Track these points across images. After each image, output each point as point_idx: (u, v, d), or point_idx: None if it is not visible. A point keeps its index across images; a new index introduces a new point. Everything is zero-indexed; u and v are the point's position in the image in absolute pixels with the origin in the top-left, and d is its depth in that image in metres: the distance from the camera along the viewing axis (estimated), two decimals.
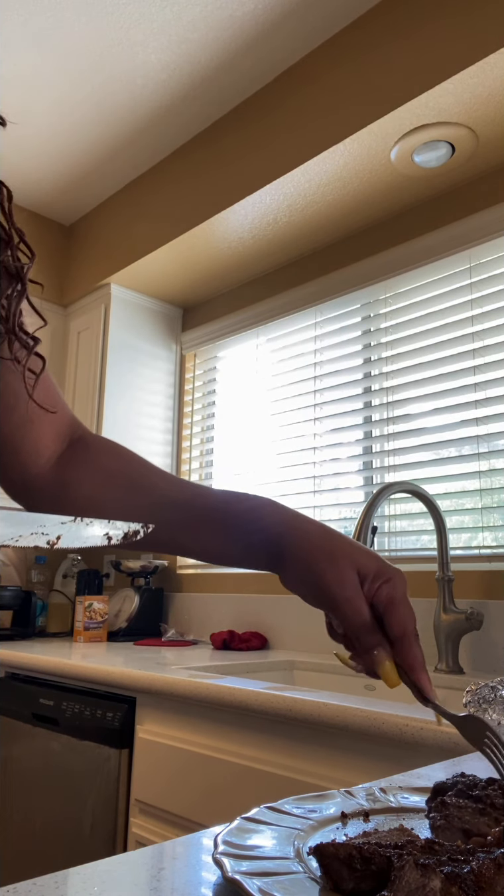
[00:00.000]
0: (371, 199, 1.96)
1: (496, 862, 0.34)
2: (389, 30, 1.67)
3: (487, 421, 1.73)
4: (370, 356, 2.06)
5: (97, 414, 2.42)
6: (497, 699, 0.60)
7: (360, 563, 0.57)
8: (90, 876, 0.39)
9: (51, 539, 0.35)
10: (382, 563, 0.58)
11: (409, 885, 0.33)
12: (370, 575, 0.56)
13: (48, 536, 0.35)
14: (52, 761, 1.55)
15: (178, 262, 2.35)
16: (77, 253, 2.69)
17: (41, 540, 0.35)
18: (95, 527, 0.38)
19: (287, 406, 2.27)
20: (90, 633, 2.18)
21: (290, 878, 0.38)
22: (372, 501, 1.52)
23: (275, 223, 2.10)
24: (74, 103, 2.11)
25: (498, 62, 1.46)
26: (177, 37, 1.86)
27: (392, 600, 0.56)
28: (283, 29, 1.81)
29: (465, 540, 1.76)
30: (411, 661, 0.55)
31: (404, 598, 0.56)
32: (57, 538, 0.36)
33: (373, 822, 0.48)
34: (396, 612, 0.55)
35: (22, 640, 2.22)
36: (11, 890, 0.36)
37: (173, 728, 1.32)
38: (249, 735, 1.17)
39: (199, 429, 2.61)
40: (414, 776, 0.64)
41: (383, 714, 0.98)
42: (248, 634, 2.04)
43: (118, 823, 1.38)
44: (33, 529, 0.35)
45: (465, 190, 1.86)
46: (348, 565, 0.56)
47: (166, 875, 0.40)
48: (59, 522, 0.36)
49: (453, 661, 1.54)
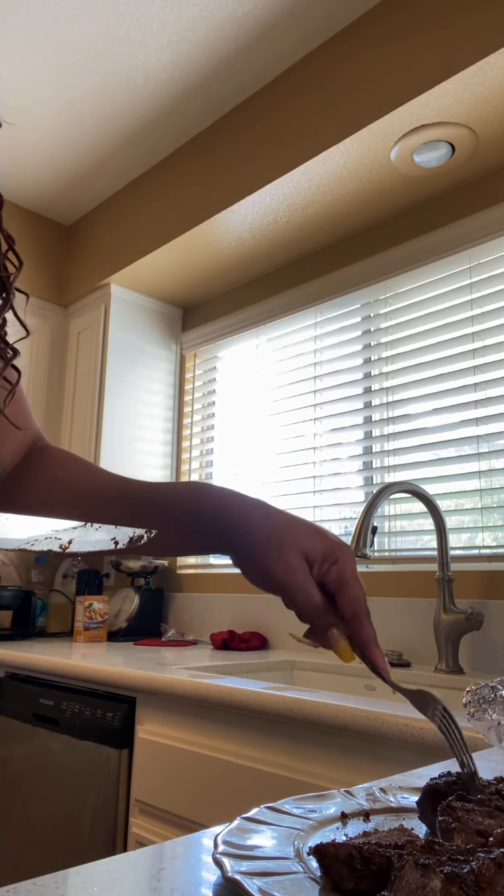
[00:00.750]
0: (371, 199, 1.96)
1: (496, 862, 0.34)
2: (389, 30, 1.67)
3: (487, 421, 1.73)
4: (370, 356, 2.06)
5: (97, 414, 2.42)
6: (497, 699, 0.60)
7: (307, 547, 0.57)
8: (90, 876, 0.39)
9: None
10: (328, 541, 0.58)
11: (409, 885, 0.33)
12: (318, 558, 0.57)
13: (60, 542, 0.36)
14: (52, 761, 1.55)
15: (178, 262, 2.35)
16: (77, 253, 2.69)
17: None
18: None
19: (287, 406, 2.27)
20: (90, 633, 2.18)
21: (290, 878, 0.38)
22: (372, 501, 1.52)
23: (275, 223, 2.10)
24: (74, 103, 2.11)
25: (498, 62, 1.46)
26: (177, 37, 1.86)
27: (342, 581, 0.57)
28: (282, 29, 1.81)
29: (465, 540, 1.76)
30: (364, 638, 0.57)
31: (353, 577, 0.57)
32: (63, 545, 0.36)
33: (373, 822, 0.48)
34: (346, 592, 0.56)
35: (22, 640, 2.22)
36: (11, 890, 0.36)
37: (173, 728, 1.32)
38: (249, 735, 1.17)
39: (199, 429, 2.61)
40: (414, 776, 0.64)
41: (383, 714, 0.98)
42: (248, 634, 2.04)
43: (118, 823, 1.38)
44: None
45: (465, 190, 1.86)
46: (294, 552, 0.57)
47: (166, 875, 0.40)
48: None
49: (453, 661, 1.54)
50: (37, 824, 1.55)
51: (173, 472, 2.60)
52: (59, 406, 2.61)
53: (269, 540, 0.57)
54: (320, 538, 0.58)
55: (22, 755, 1.64)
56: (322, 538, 0.58)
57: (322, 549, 0.57)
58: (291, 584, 0.56)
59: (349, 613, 0.56)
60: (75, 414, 2.52)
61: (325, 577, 0.57)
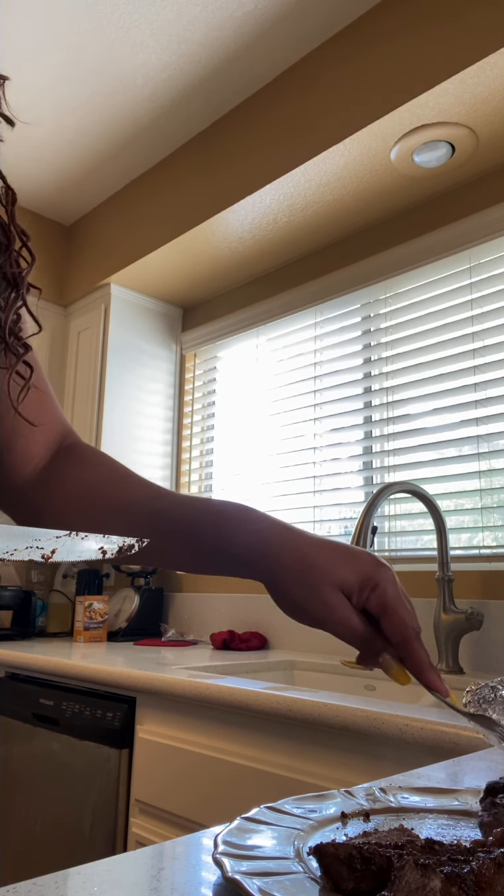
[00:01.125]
0: (371, 199, 1.96)
1: (496, 862, 0.34)
2: (389, 30, 1.67)
3: (487, 421, 1.73)
4: (370, 356, 2.06)
5: (97, 414, 2.42)
6: (497, 699, 0.60)
7: (341, 579, 0.54)
8: (90, 876, 0.39)
9: (45, 553, 0.35)
10: (364, 567, 0.55)
11: (409, 885, 0.33)
12: (354, 589, 0.54)
13: (43, 550, 0.35)
14: (52, 761, 1.55)
15: (178, 262, 2.35)
16: (77, 253, 2.69)
17: (36, 554, 0.35)
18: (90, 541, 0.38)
19: (287, 406, 2.27)
20: (90, 633, 2.18)
21: (290, 878, 0.38)
22: (372, 501, 1.52)
23: (275, 223, 2.10)
24: (74, 103, 2.11)
25: (498, 62, 1.46)
26: (177, 37, 1.86)
27: (384, 608, 0.54)
28: (282, 29, 1.81)
29: (465, 540, 1.76)
30: (416, 663, 0.54)
31: (396, 600, 0.54)
32: (52, 552, 0.36)
33: (373, 822, 0.48)
34: (391, 618, 0.54)
35: (22, 640, 2.22)
36: (11, 890, 0.36)
37: (173, 728, 1.32)
38: (249, 735, 1.17)
39: (199, 429, 2.61)
40: (414, 776, 0.64)
41: (383, 714, 0.98)
42: (248, 634, 2.04)
43: (118, 823, 1.38)
44: (28, 543, 0.35)
45: (465, 190, 1.86)
46: (329, 588, 0.54)
47: (166, 875, 0.40)
48: (54, 537, 0.36)
49: (453, 661, 1.54)
50: (37, 824, 1.55)
51: (173, 472, 2.60)
52: None
53: (301, 576, 0.54)
54: (354, 565, 0.54)
55: (22, 755, 1.64)
56: (356, 565, 0.55)
57: (358, 581, 0.54)
58: (331, 621, 0.54)
59: (397, 639, 0.54)
60: (75, 414, 2.52)
61: (366, 605, 0.54)
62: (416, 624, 0.55)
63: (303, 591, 0.54)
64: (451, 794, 0.55)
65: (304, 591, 0.54)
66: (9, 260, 0.60)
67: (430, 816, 0.50)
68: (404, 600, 0.55)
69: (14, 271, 0.61)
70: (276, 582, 0.56)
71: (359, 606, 0.55)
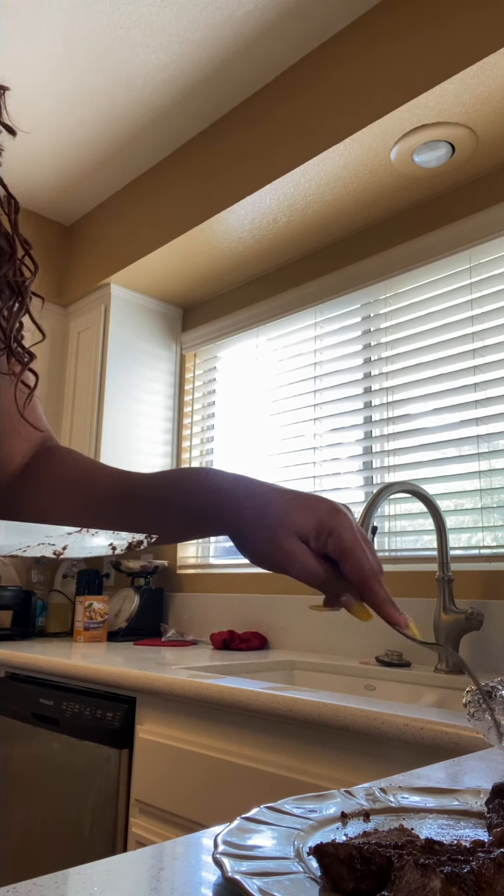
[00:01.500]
0: (371, 199, 1.96)
1: (496, 862, 0.34)
2: (389, 30, 1.67)
3: (487, 421, 1.73)
4: (370, 356, 2.06)
5: (97, 414, 2.42)
6: (497, 699, 0.60)
7: (298, 526, 0.56)
8: (90, 876, 0.39)
9: (57, 549, 0.36)
10: (320, 513, 0.57)
11: (409, 885, 0.33)
12: (311, 534, 0.56)
13: (54, 547, 0.36)
14: (52, 761, 1.55)
15: (178, 262, 2.35)
16: (77, 253, 2.69)
17: (48, 550, 0.35)
18: (101, 537, 0.38)
19: (287, 406, 2.27)
20: (90, 633, 2.18)
21: (290, 878, 0.38)
22: (372, 501, 1.52)
23: (275, 223, 2.10)
24: (74, 103, 2.11)
25: (498, 62, 1.46)
26: (177, 37, 1.86)
27: (341, 552, 0.56)
28: (282, 29, 1.82)
29: (465, 540, 1.76)
30: (375, 600, 0.57)
31: (353, 544, 0.56)
32: (63, 548, 0.36)
33: (373, 822, 0.48)
34: (348, 561, 0.56)
35: (22, 640, 2.22)
36: (11, 890, 0.36)
37: (173, 728, 1.32)
38: (249, 735, 1.17)
39: (199, 429, 2.61)
40: (414, 776, 0.64)
41: (383, 714, 0.98)
42: (248, 634, 2.04)
43: (118, 823, 1.38)
44: (39, 540, 0.35)
45: (465, 190, 1.86)
46: (287, 535, 0.56)
47: (166, 875, 0.40)
48: (65, 533, 0.36)
49: (453, 662, 1.54)
50: (37, 824, 1.55)
51: None
52: (59, 406, 2.61)
53: (260, 526, 0.57)
54: (311, 512, 0.57)
55: (22, 755, 1.64)
56: (311, 512, 0.57)
57: (314, 525, 0.56)
58: (291, 567, 0.56)
59: (356, 580, 0.56)
60: (75, 414, 2.52)
61: (325, 550, 0.57)
62: (374, 565, 0.57)
63: (263, 541, 0.57)
64: (451, 794, 0.55)
65: (264, 540, 0.57)
66: (12, 269, 0.61)
67: (430, 816, 0.50)
68: (362, 543, 0.57)
69: (17, 280, 0.62)
70: (238, 533, 0.59)
71: (318, 551, 0.57)
